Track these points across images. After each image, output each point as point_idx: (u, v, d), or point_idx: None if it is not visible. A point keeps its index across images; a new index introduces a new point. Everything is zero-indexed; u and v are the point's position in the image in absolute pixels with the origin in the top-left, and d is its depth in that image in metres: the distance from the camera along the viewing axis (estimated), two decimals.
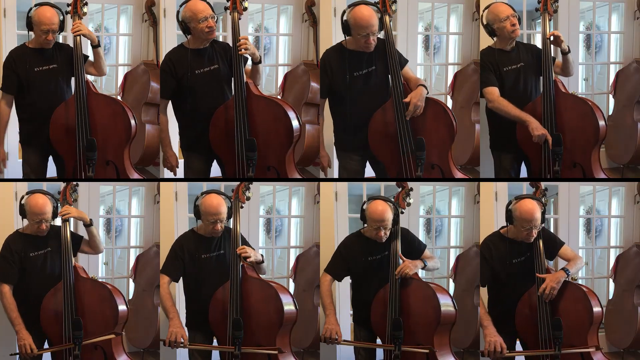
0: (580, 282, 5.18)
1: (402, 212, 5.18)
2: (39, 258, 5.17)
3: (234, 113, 5.18)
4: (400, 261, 5.10)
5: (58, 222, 5.23)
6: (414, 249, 5.23)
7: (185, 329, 5.14)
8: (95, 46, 5.30)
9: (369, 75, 5.23)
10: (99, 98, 5.30)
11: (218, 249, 5.19)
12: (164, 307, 5.13)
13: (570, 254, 5.20)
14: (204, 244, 5.18)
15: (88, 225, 5.26)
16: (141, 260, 6.22)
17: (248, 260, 5.08)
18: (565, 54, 5.30)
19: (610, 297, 6.33)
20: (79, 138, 5.24)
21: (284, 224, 6.47)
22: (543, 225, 5.09)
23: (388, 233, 5.13)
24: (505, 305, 5.16)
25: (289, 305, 5.08)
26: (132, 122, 5.30)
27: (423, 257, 5.20)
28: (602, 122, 5.22)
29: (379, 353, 5.23)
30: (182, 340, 5.05)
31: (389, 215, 5.11)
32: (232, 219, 5.14)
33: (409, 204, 5.21)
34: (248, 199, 5.16)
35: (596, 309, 5.02)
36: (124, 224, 6.48)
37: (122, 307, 5.15)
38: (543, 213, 5.07)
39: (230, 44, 5.25)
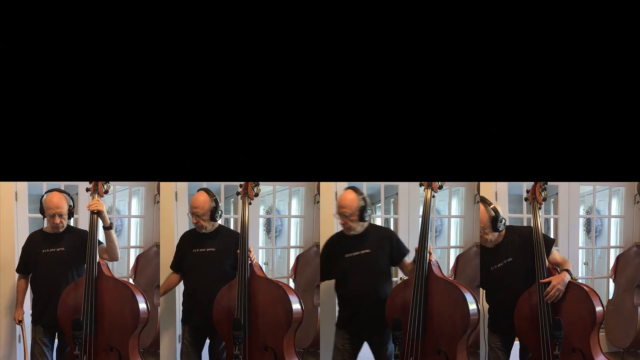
0: (579, 282, 5.18)
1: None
2: (49, 256, 5.27)
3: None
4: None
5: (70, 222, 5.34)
6: (400, 252, 5.21)
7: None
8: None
9: None
10: None
11: (209, 245, 5.23)
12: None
13: (558, 257, 5.20)
14: (195, 239, 5.33)
15: (107, 228, 5.30)
16: (141, 260, 6.20)
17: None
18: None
19: (610, 297, 6.33)
20: None
21: (284, 224, 6.46)
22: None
23: (352, 225, 5.07)
24: (497, 307, 5.21)
25: (296, 305, 5.08)
26: None
27: (406, 263, 5.19)
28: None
29: (366, 353, 5.22)
30: None
31: (352, 203, 5.06)
32: (240, 215, 5.16)
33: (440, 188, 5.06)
34: (256, 195, 5.15)
35: (598, 309, 5.02)
36: (124, 224, 6.47)
37: (142, 306, 5.19)
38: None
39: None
